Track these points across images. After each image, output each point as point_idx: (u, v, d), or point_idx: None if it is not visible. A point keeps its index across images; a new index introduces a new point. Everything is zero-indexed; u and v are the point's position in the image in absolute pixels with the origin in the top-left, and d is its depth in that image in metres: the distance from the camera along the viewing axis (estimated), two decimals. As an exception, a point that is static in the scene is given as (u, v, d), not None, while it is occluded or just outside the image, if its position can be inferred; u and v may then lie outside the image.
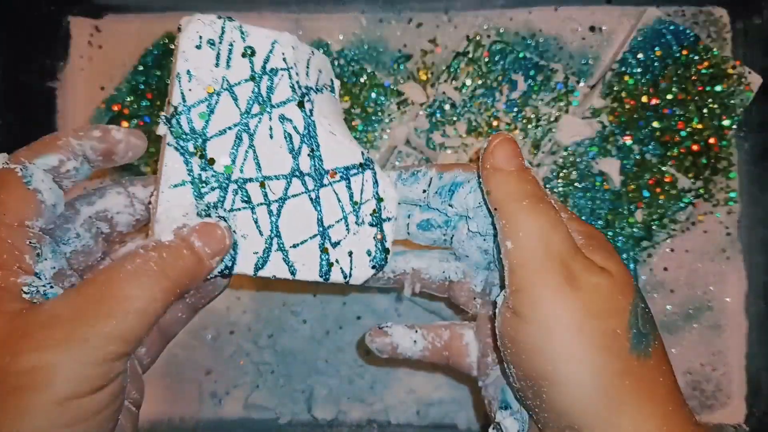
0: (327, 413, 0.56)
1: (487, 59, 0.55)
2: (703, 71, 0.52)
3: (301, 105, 0.33)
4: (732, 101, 0.52)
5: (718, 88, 0.52)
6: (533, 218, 0.29)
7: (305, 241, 0.34)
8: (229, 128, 0.32)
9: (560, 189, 0.52)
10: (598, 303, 0.28)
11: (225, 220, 0.32)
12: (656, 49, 0.52)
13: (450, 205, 0.35)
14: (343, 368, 0.56)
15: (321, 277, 0.34)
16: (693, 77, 0.52)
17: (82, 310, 0.27)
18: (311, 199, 0.34)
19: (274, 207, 0.33)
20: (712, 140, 0.52)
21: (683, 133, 0.52)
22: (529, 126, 0.54)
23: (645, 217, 0.51)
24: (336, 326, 0.57)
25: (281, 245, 0.33)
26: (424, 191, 0.36)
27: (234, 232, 0.33)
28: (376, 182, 0.35)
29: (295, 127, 0.33)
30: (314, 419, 0.56)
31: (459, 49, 0.55)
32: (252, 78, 0.33)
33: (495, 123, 0.54)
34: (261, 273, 0.33)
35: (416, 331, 0.38)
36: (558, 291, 0.28)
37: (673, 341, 0.55)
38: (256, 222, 0.33)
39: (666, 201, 0.51)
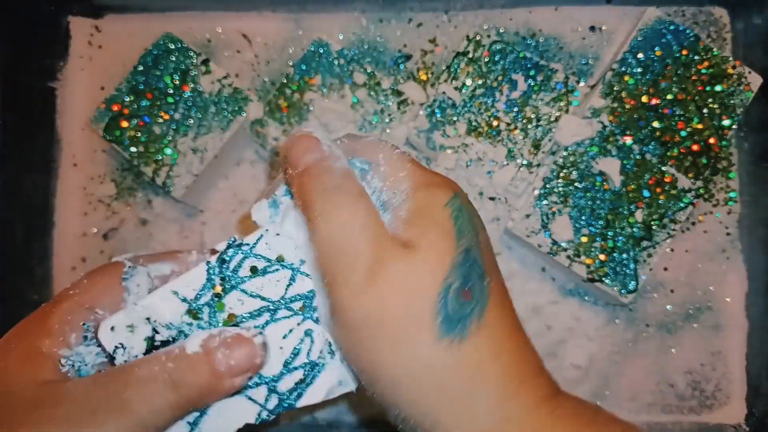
0: (327, 413, 0.56)
1: (487, 59, 0.55)
2: (703, 71, 0.52)
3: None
4: (732, 101, 0.52)
5: (718, 88, 0.52)
6: (331, 214, 0.27)
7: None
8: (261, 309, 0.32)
9: (560, 189, 0.52)
10: (398, 293, 0.25)
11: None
12: (656, 49, 0.52)
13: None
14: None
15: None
16: (693, 77, 0.52)
17: (85, 403, 0.27)
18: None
19: None
20: (712, 140, 0.52)
21: (683, 133, 0.52)
22: (529, 126, 0.54)
23: (645, 217, 0.51)
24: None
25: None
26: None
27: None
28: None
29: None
30: (314, 419, 0.56)
31: (459, 49, 0.55)
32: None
33: (495, 123, 0.54)
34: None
35: None
36: (356, 291, 0.26)
37: (673, 341, 0.55)
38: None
39: (666, 201, 0.51)
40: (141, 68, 0.56)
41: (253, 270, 0.32)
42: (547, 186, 0.52)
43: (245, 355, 0.28)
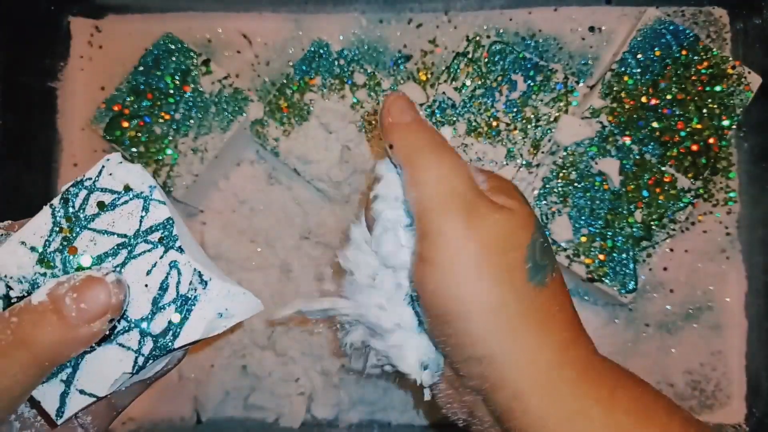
0: (327, 413, 0.56)
1: (486, 59, 0.55)
2: (703, 71, 0.52)
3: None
4: (732, 101, 0.52)
5: (718, 88, 0.52)
6: (434, 164, 0.30)
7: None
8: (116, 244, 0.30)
9: (560, 189, 0.52)
10: (497, 239, 0.29)
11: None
12: (656, 49, 0.53)
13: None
14: (343, 368, 0.56)
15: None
16: (693, 77, 0.52)
17: None
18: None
19: None
20: (711, 140, 0.52)
21: (683, 133, 0.52)
22: (529, 126, 0.54)
23: (645, 217, 0.51)
24: (336, 326, 0.57)
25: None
26: None
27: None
28: None
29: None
30: (314, 419, 0.56)
31: (459, 50, 0.55)
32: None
33: (495, 123, 0.54)
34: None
35: None
36: (458, 231, 0.28)
37: (673, 341, 0.55)
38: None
39: (666, 201, 0.51)
40: (141, 68, 0.56)
41: (101, 205, 0.30)
42: (547, 186, 0.52)
43: (97, 296, 0.26)
